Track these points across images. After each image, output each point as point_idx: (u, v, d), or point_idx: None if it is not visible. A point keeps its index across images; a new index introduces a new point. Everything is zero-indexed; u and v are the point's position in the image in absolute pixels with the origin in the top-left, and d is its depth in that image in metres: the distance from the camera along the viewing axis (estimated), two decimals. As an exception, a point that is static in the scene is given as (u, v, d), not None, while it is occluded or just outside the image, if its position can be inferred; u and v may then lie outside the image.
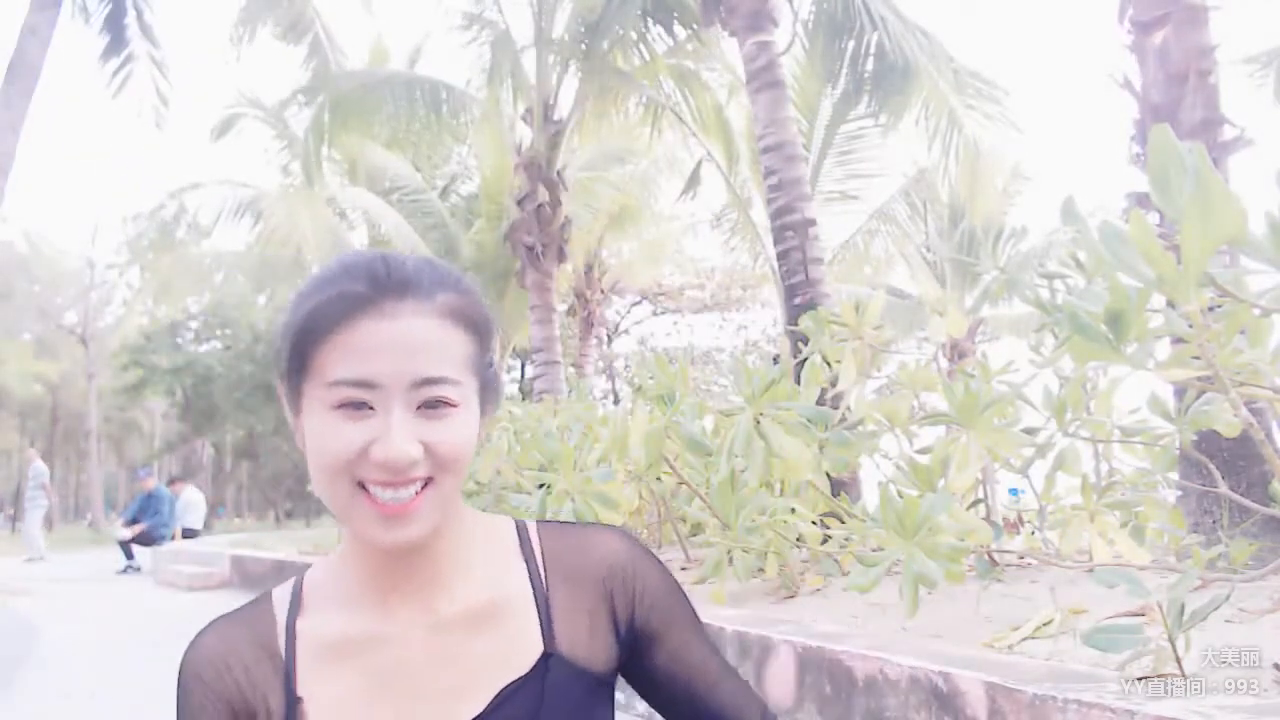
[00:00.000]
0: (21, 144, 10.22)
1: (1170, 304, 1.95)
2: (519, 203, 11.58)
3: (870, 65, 9.11)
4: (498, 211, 13.45)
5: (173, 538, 13.52)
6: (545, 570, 0.92)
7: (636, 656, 0.94)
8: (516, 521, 0.96)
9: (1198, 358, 1.99)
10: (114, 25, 12.15)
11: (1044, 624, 2.63)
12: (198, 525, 14.90)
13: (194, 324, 30.39)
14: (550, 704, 0.86)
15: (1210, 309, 2.08)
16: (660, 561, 0.96)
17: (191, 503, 14.92)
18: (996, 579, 3.50)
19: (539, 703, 0.86)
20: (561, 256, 11.85)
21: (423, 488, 0.79)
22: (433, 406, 0.79)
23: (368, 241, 17.51)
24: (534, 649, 0.88)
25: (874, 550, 2.79)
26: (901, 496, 2.52)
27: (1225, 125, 4.47)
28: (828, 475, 3.57)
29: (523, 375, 24.19)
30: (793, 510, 3.70)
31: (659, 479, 3.86)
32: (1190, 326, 1.87)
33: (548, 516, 3.35)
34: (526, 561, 0.92)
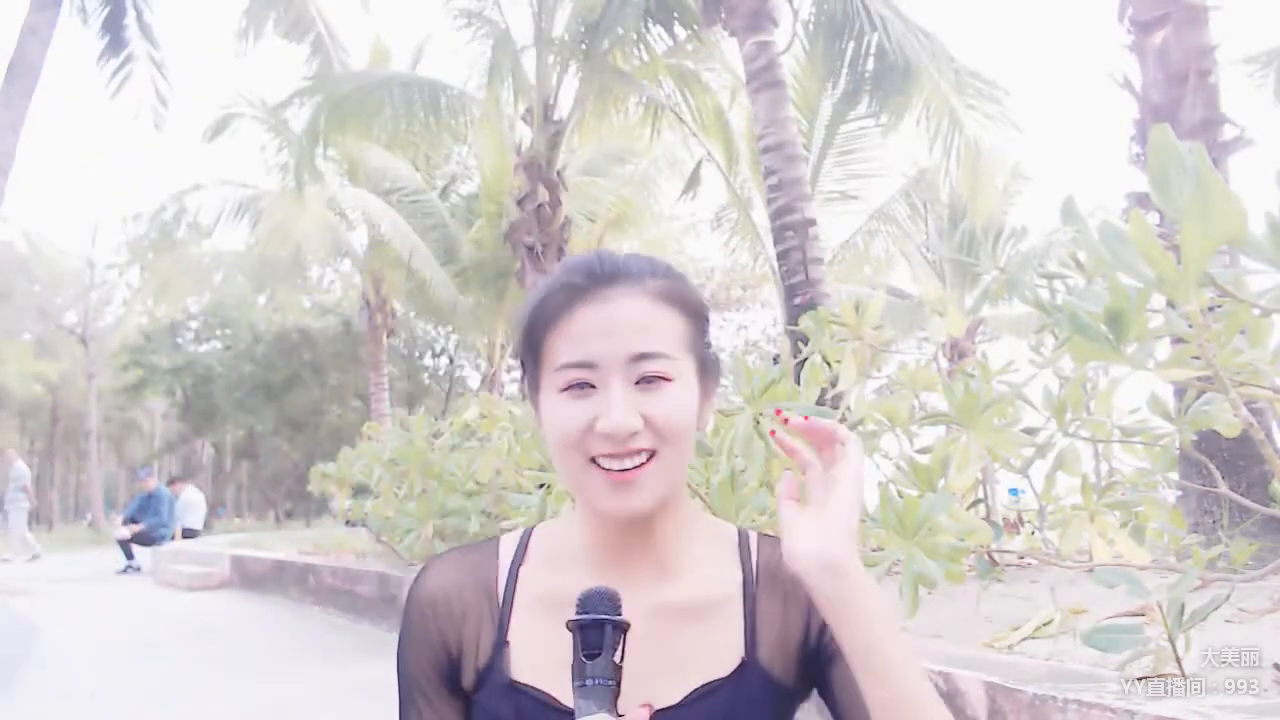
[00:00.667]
0: (21, 144, 10.22)
1: (1170, 304, 1.95)
2: (519, 203, 11.58)
3: (870, 65, 9.12)
4: (498, 211, 13.46)
5: (173, 538, 13.52)
6: (758, 578, 0.95)
7: (821, 675, 0.93)
8: (740, 529, 1.00)
9: (1198, 358, 1.99)
10: (113, 26, 12.15)
11: (1044, 624, 2.63)
12: (198, 525, 14.90)
13: (194, 324, 30.38)
14: (742, 710, 0.89)
15: (1210, 309, 2.08)
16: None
17: (191, 503, 14.92)
18: (996, 579, 3.50)
19: (732, 706, 0.89)
20: (561, 256, 11.84)
21: (646, 460, 0.84)
22: (649, 381, 0.84)
23: (367, 242, 17.53)
24: (736, 653, 0.91)
25: (874, 550, 2.79)
26: (901, 496, 2.52)
27: (1225, 125, 4.48)
28: (828, 475, 3.55)
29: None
30: (793, 510, 3.69)
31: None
32: (1190, 326, 1.87)
33: (548, 516, 3.36)
34: (743, 566, 0.95)
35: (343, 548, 9.24)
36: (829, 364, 3.67)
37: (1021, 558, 3.75)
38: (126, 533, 13.06)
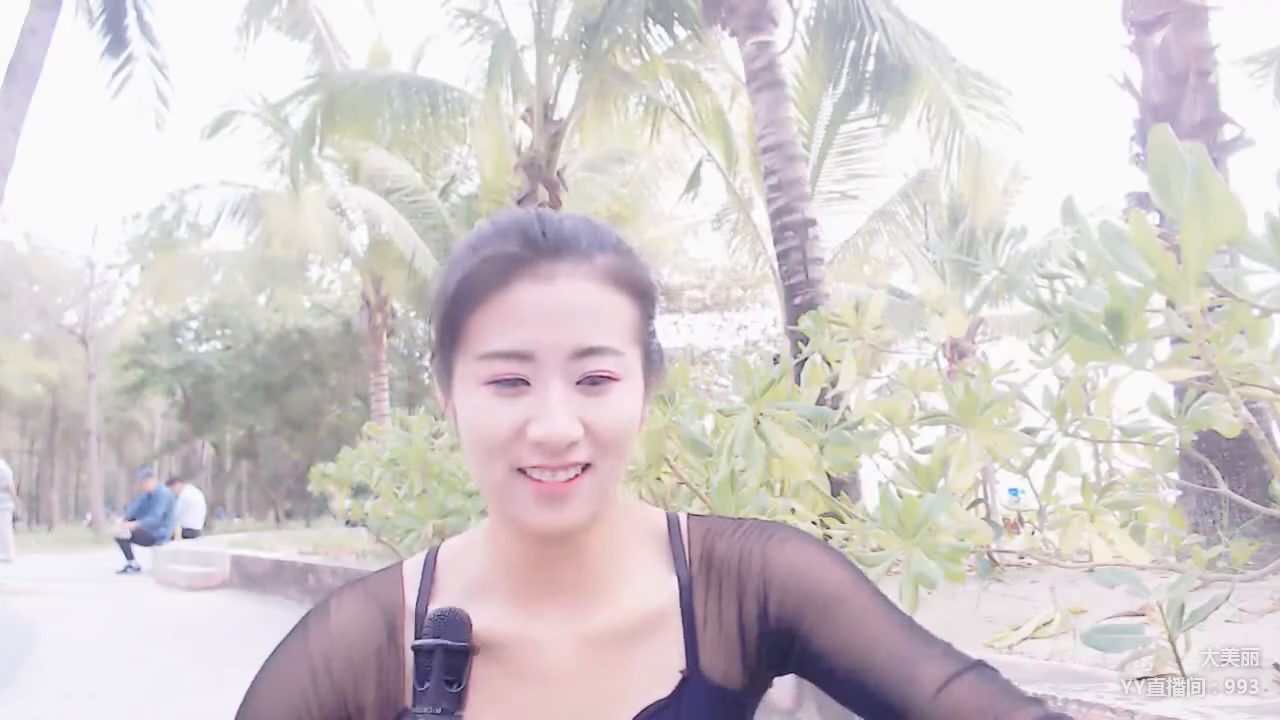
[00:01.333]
0: (21, 144, 10.22)
1: (1170, 304, 1.95)
2: (519, 203, 11.58)
3: (871, 65, 9.12)
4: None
5: (173, 537, 13.52)
6: (693, 575, 0.84)
7: (785, 658, 0.83)
8: (668, 516, 0.88)
9: (1198, 358, 1.99)
10: (114, 25, 12.15)
11: (1044, 624, 2.63)
12: (198, 525, 14.90)
13: (194, 324, 30.39)
14: None
15: (1210, 309, 2.08)
16: (803, 537, 0.85)
17: (191, 503, 14.92)
18: (996, 579, 3.50)
19: None
20: (561, 256, 11.84)
21: (582, 471, 0.72)
22: (594, 381, 0.72)
23: (368, 242, 17.54)
24: (676, 669, 0.81)
25: (874, 550, 2.79)
26: (901, 496, 2.52)
27: (1225, 125, 4.48)
28: (828, 475, 3.56)
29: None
30: (793, 510, 3.70)
31: (659, 479, 3.85)
32: (1190, 326, 1.87)
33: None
34: (676, 562, 0.84)
35: (343, 548, 9.24)
36: (829, 364, 3.67)
37: (1021, 558, 3.75)
38: (126, 533, 13.06)
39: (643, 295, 0.77)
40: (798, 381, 3.67)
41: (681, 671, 0.81)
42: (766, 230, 8.58)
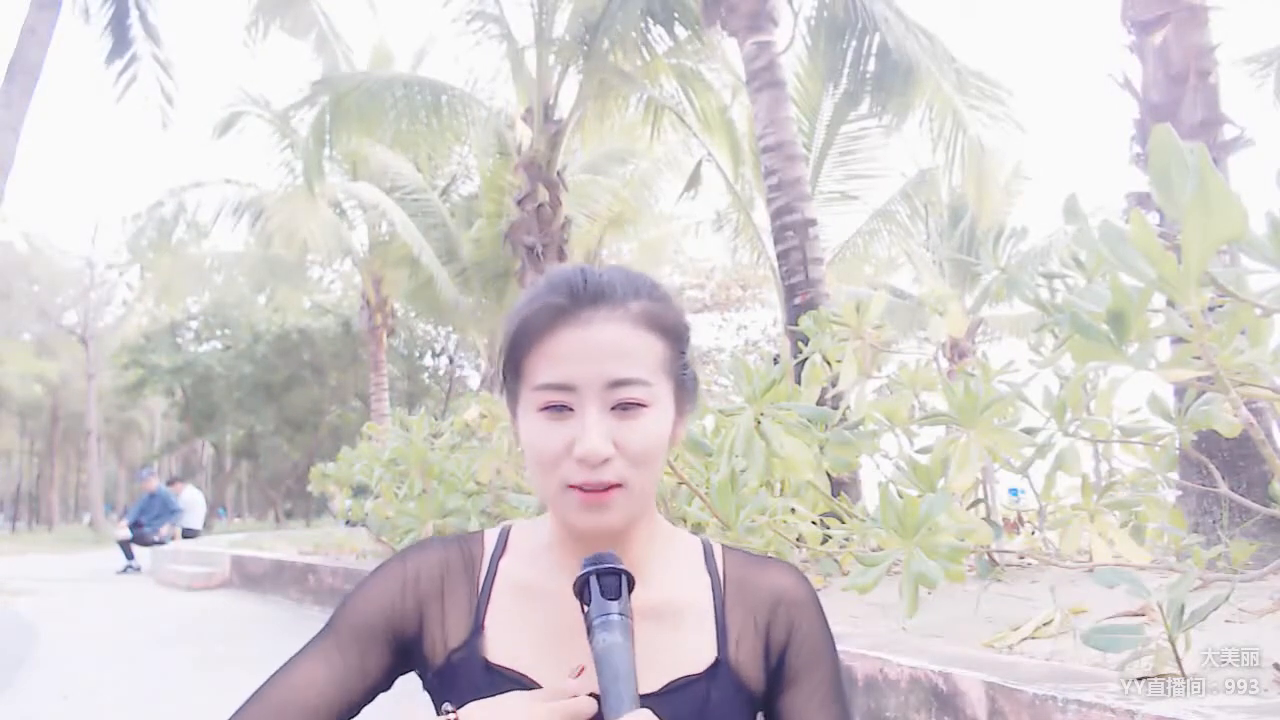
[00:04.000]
0: (21, 144, 10.21)
1: (1171, 304, 1.95)
2: (519, 203, 11.58)
3: (872, 65, 9.11)
4: (498, 211, 13.45)
5: (172, 538, 13.53)
6: (725, 587, 0.98)
7: (775, 693, 0.97)
8: (703, 540, 1.04)
9: (1198, 358, 1.99)
10: (118, 27, 12.14)
11: (1044, 624, 2.63)
12: (198, 525, 14.90)
13: (194, 324, 30.39)
14: (715, 706, 0.92)
15: (1211, 309, 2.08)
16: (824, 614, 1.00)
17: (191, 503, 14.92)
18: (996, 579, 3.50)
19: (705, 702, 0.92)
20: (561, 256, 11.83)
21: (615, 487, 0.87)
22: (625, 407, 0.87)
23: (368, 242, 17.54)
24: (707, 654, 0.94)
25: (874, 550, 2.79)
26: (901, 496, 2.51)
27: (1225, 125, 4.47)
28: (828, 475, 3.56)
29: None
30: (793, 510, 3.70)
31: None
32: (1191, 326, 1.87)
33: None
34: (710, 575, 0.99)
35: (343, 548, 9.24)
36: (829, 364, 3.67)
37: (1021, 558, 3.75)
38: (126, 533, 13.07)
39: (672, 334, 0.92)
40: (798, 381, 3.68)
41: (715, 657, 0.94)
42: (766, 230, 8.58)
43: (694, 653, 0.93)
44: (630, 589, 0.86)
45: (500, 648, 0.93)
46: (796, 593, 0.99)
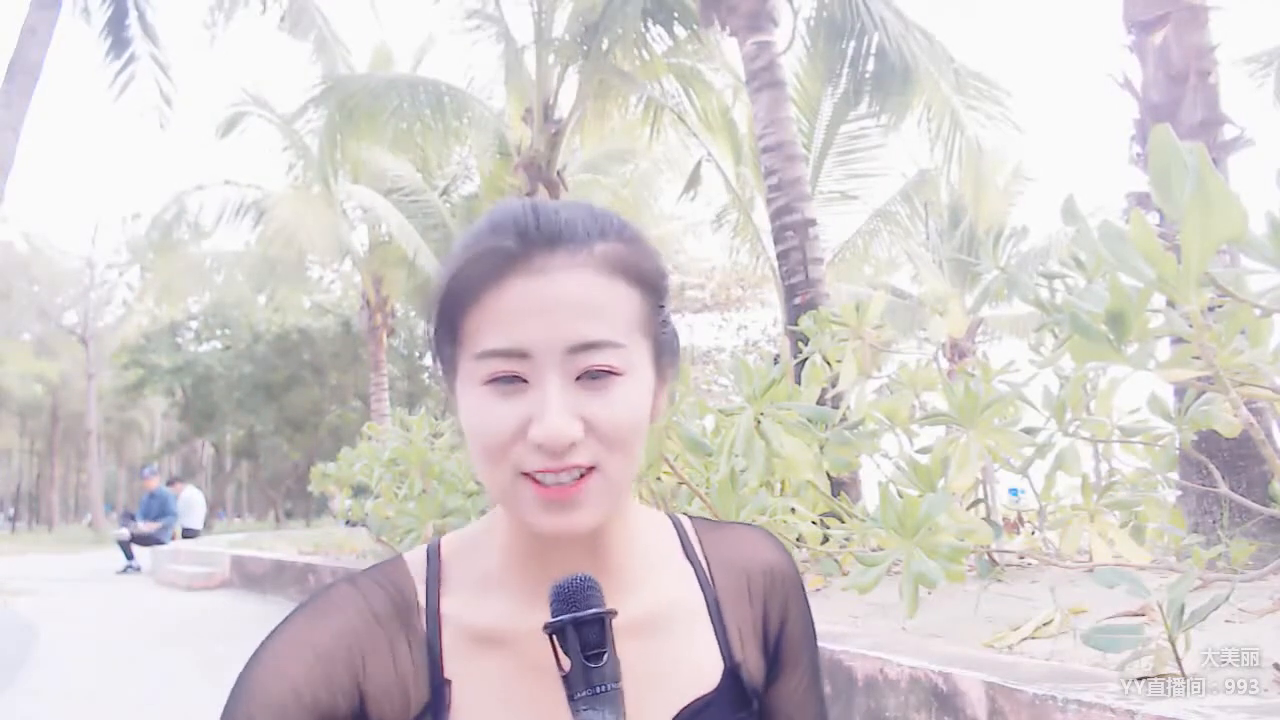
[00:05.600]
0: (21, 144, 10.22)
1: (1170, 304, 1.95)
2: (519, 202, 11.58)
3: (871, 65, 9.12)
4: (498, 211, 13.45)
5: (173, 537, 13.53)
6: (713, 577, 0.84)
7: (769, 681, 0.86)
8: (672, 518, 0.88)
9: (1198, 358, 1.99)
10: (116, 27, 12.14)
11: (1044, 624, 2.63)
12: (198, 525, 14.91)
13: (194, 324, 30.39)
14: None
15: (1210, 309, 2.08)
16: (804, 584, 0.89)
17: (191, 503, 14.93)
18: (996, 579, 3.50)
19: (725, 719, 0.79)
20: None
21: (586, 473, 0.69)
22: (594, 376, 0.68)
23: (368, 242, 17.55)
24: (713, 663, 0.80)
25: (874, 550, 2.79)
26: (901, 496, 2.52)
27: (1225, 125, 4.47)
28: (828, 475, 3.56)
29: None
30: (793, 510, 3.70)
31: (659, 479, 3.85)
32: (1190, 326, 1.87)
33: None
34: (693, 565, 0.84)
35: (343, 548, 9.24)
36: (829, 364, 3.67)
37: (1021, 558, 3.75)
38: (126, 533, 13.07)
39: (648, 283, 0.74)
40: (798, 381, 3.68)
41: (723, 667, 0.80)
42: (767, 230, 8.58)
43: (700, 667, 0.79)
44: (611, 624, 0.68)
45: (467, 713, 0.74)
46: (785, 568, 0.87)
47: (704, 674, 0.79)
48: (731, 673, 0.81)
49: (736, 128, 11.39)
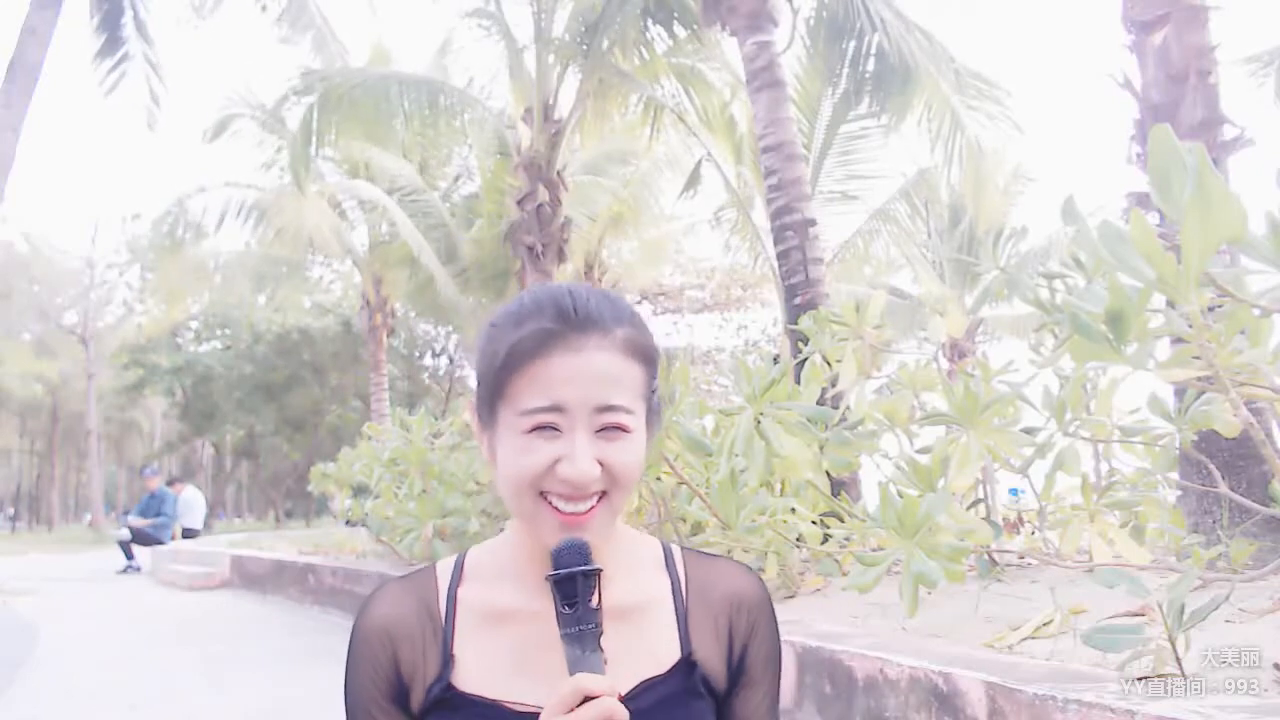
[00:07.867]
0: (21, 144, 10.22)
1: (1170, 304, 1.95)
2: (519, 203, 11.58)
3: (871, 65, 9.11)
4: (498, 211, 13.45)
5: (173, 537, 13.53)
6: (686, 587, 1.02)
7: (731, 693, 1.00)
8: (662, 542, 1.07)
9: (1198, 358, 1.99)
10: (110, 25, 12.14)
11: (1044, 624, 2.63)
12: (198, 525, 14.90)
13: (194, 324, 30.37)
14: (683, 705, 0.96)
15: (1210, 309, 2.08)
16: (776, 617, 1.05)
17: (191, 503, 14.92)
18: (996, 579, 3.50)
19: (674, 700, 0.95)
20: (561, 256, 11.84)
21: (597, 501, 0.90)
22: (610, 430, 0.90)
23: (368, 242, 17.54)
24: (673, 652, 0.98)
25: (874, 550, 2.79)
26: (901, 496, 2.52)
27: (1225, 125, 4.47)
28: (828, 475, 3.56)
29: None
30: (793, 510, 3.70)
31: (659, 479, 3.85)
32: (1190, 326, 1.87)
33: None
34: (670, 576, 1.03)
35: (343, 548, 9.24)
36: (829, 364, 3.67)
37: (1021, 558, 3.75)
38: (126, 533, 13.07)
39: (650, 361, 0.96)
40: (798, 381, 3.67)
41: (678, 655, 0.97)
42: (766, 230, 8.58)
43: (657, 653, 0.97)
44: (596, 583, 0.87)
45: (469, 676, 0.95)
46: (756, 595, 1.03)
47: (660, 660, 0.97)
48: (687, 662, 0.97)
49: (736, 127, 11.38)
